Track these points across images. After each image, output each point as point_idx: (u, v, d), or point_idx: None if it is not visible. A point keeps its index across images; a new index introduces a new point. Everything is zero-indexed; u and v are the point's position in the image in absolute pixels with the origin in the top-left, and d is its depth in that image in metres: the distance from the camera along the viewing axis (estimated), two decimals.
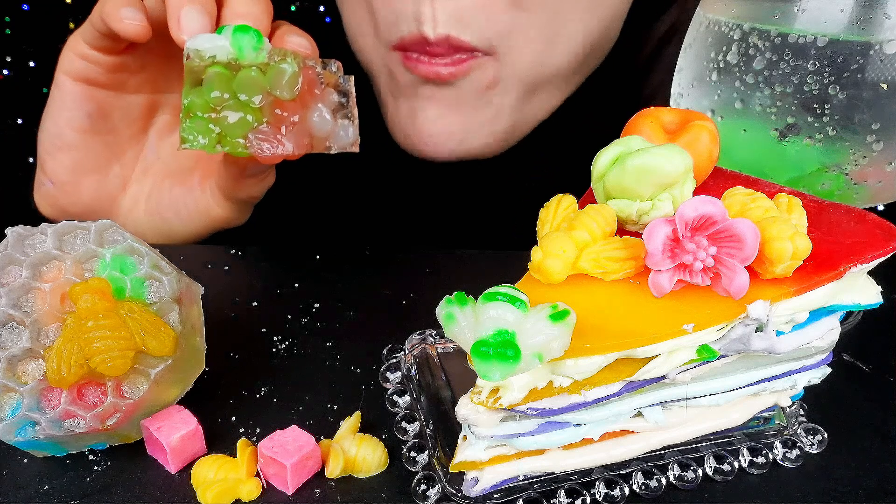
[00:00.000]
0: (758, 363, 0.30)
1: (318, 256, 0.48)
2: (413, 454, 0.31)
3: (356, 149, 0.39)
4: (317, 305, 0.42)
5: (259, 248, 0.48)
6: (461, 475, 0.29)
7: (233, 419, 0.34)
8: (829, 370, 0.32)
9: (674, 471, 0.31)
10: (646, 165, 0.27)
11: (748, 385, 0.31)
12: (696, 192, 0.28)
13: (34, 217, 0.48)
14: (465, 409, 0.26)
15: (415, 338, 0.37)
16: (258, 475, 0.30)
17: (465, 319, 0.23)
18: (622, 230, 0.28)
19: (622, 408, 0.29)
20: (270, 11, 0.39)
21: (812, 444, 0.33)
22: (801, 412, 0.34)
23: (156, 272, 0.31)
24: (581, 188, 0.31)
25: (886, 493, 0.31)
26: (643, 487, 0.30)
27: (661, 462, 0.31)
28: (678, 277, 0.26)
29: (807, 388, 0.33)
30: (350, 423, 0.32)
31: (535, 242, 0.27)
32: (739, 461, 0.32)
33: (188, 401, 0.32)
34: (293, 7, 0.69)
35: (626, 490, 0.30)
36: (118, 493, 0.30)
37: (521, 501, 0.29)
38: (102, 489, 0.30)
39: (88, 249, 0.31)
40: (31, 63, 0.74)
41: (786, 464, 0.32)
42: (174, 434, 0.30)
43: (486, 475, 0.29)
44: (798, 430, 0.33)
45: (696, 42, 0.38)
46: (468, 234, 0.60)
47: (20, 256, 0.31)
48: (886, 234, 0.28)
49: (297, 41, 0.39)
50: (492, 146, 0.51)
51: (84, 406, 0.29)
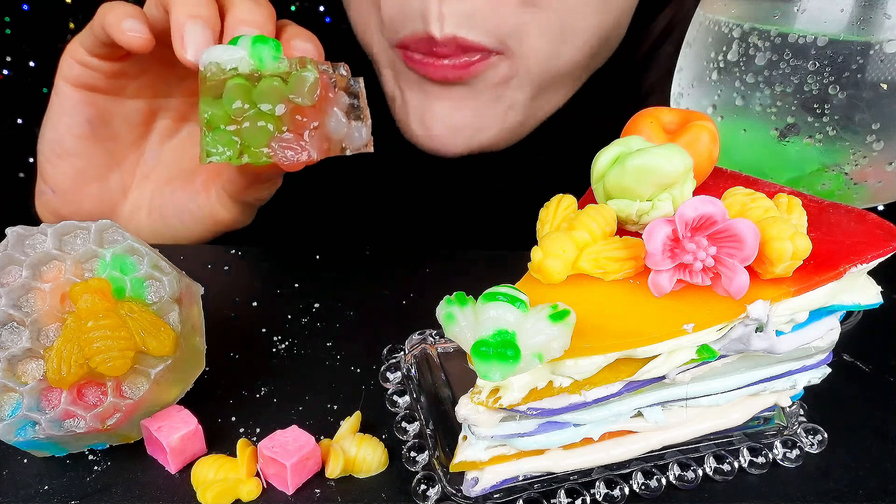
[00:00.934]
0: (758, 363, 0.30)
1: (318, 256, 0.48)
2: (413, 454, 0.31)
3: (370, 149, 0.39)
4: (317, 305, 0.42)
5: (259, 248, 0.48)
6: (461, 475, 0.29)
7: (233, 419, 0.34)
8: (829, 370, 0.32)
9: (674, 471, 0.31)
10: (646, 165, 0.27)
11: (748, 385, 0.31)
12: (696, 192, 0.28)
13: (34, 217, 0.48)
14: (465, 409, 0.26)
15: (415, 338, 0.37)
16: (258, 475, 0.30)
17: (465, 319, 0.23)
18: (622, 230, 0.28)
19: (622, 408, 0.29)
20: (273, 16, 0.39)
21: (812, 444, 0.33)
22: (801, 412, 0.34)
23: (156, 272, 0.31)
24: (581, 188, 0.31)
25: (886, 493, 0.31)
26: (643, 487, 0.30)
27: (661, 462, 0.31)
28: (678, 277, 0.26)
29: (807, 388, 0.33)
30: (350, 423, 0.32)
31: (535, 242, 0.27)
32: (739, 461, 0.32)
33: (188, 401, 0.32)
34: (293, 7, 0.69)
35: (626, 490, 0.30)
36: (118, 493, 0.30)
37: (521, 501, 0.29)
38: (102, 489, 0.30)
39: (88, 249, 0.31)
40: (31, 63, 0.74)
41: (786, 464, 0.32)
42: (174, 434, 0.30)
43: (486, 475, 0.29)
44: (798, 430, 0.33)
45: (696, 42, 0.38)
46: (468, 234, 0.59)
47: (20, 256, 0.31)
48: (886, 234, 0.28)
49: (304, 47, 0.39)
50: (500, 142, 0.51)
51: (84, 406, 0.29)
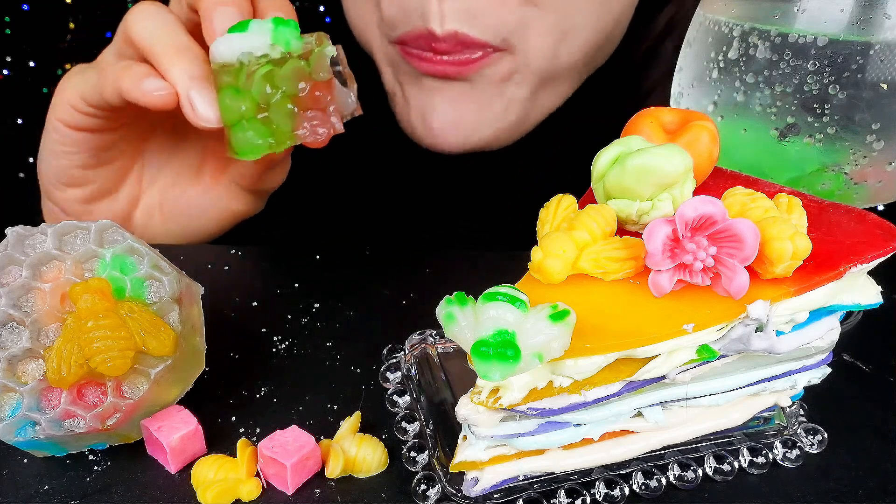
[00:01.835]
0: (758, 363, 0.30)
1: (318, 256, 0.48)
2: (413, 454, 0.31)
3: (360, 112, 0.38)
4: (317, 305, 0.42)
5: (259, 248, 0.48)
6: (461, 475, 0.29)
7: (233, 419, 0.34)
8: (829, 370, 0.32)
9: (674, 471, 0.31)
10: (646, 165, 0.27)
11: (748, 385, 0.31)
12: (696, 192, 0.28)
13: (34, 217, 0.48)
14: (465, 409, 0.26)
15: (415, 338, 0.37)
16: (258, 475, 0.30)
17: (465, 319, 0.23)
18: (622, 230, 0.28)
19: (622, 408, 0.29)
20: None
21: (812, 444, 0.33)
22: (801, 412, 0.34)
23: (156, 272, 0.31)
24: (581, 188, 0.31)
25: (886, 493, 0.31)
26: (643, 487, 0.30)
27: (661, 462, 0.31)
28: (678, 277, 0.26)
29: (807, 388, 0.32)
30: (350, 423, 0.32)
31: (535, 242, 0.27)
32: (739, 461, 0.32)
33: (188, 401, 0.32)
34: (296, 2, 0.69)
35: (626, 490, 0.30)
36: (118, 493, 0.30)
37: (521, 501, 0.29)
38: (102, 489, 0.30)
39: (88, 249, 0.31)
40: (31, 63, 0.74)
41: (786, 464, 0.32)
42: (174, 434, 0.30)
43: (486, 475, 0.29)
44: (798, 430, 0.33)
45: (697, 42, 0.38)
46: (468, 234, 0.59)
47: (20, 256, 0.31)
48: (886, 234, 0.28)
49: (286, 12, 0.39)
50: (501, 139, 0.51)
51: (84, 406, 0.29)
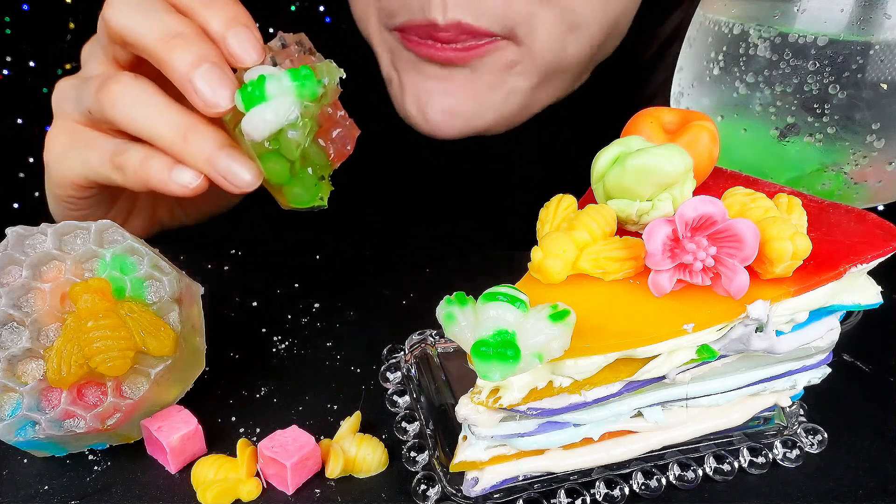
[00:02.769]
0: (758, 363, 0.30)
1: (318, 256, 0.48)
2: (413, 454, 0.31)
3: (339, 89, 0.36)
4: (317, 305, 0.42)
5: (259, 248, 0.48)
6: (461, 475, 0.29)
7: (233, 419, 0.34)
8: (829, 370, 0.32)
9: (674, 471, 0.31)
10: (646, 165, 0.27)
11: (748, 385, 0.31)
12: (696, 192, 0.28)
13: (34, 217, 0.48)
14: (465, 409, 0.26)
15: (415, 338, 0.37)
16: (258, 475, 0.30)
17: (465, 319, 0.23)
18: (622, 230, 0.28)
19: (622, 408, 0.29)
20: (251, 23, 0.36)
21: (812, 444, 0.33)
22: (801, 412, 0.34)
23: (156, 272, 0.31)
24: (581, 188, 0.31)
25: (886, 493, 0.31)
26: (643, 487, 0.30)
27: (661, 462, 0.31)
28: (678, 277, 0.26)
29: (807, 388, 0.33)
30: (350, 423, 0.32)
31: (535, 242, 0.27)
32: (739, 461, 0.32)
33: (188, 401, 0.32)
34: (293, 7, 0.69)
35: (626, 490, 0.30)
36: (118, 493, 0.30)
37: (521, 501, 0.29)
38: (102, 489, 0.30)
39: (88, 249, 0.31)
40: (31, 63, 0.74)
41: (786, 464, 0.32)
42: (174, 434, 0.30)
43: (486, 475, 0.29)
44: (798, 430, 0.33)
45: (696, 41, 0.38)
46: (468, 234, 0.59)
47: (20, 256, 0.31)
48: (886, 234, 0.28)
49: (242, 45, 0.34)
50: (499, 126, 0.51)
51: (84, 406, 0.29)
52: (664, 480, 0.31)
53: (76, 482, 0.30)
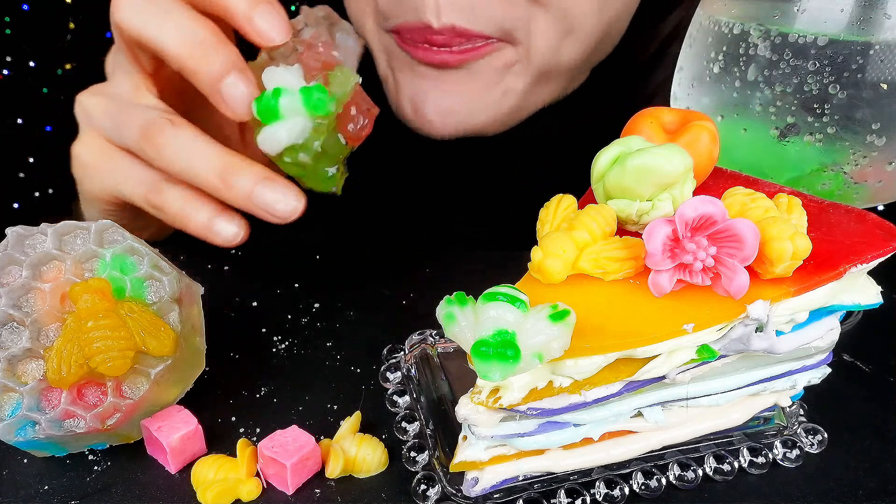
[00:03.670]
0: (758, 363, 0.30)
1: (318, 256, 0.48)
2: (413, 454, 0.31)
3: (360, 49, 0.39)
4: (317, 305, 0.42)
5: (259, 249, 0.48)
6: (461, 475, 0.29)
7: (233, 419, 0.34)
8: (829, 370, 0.32)
9: (674, 471, 0.31)
10: (646, 165, 0.27)
11: (748, 385, 0.31)
12: (696, 192, 0.28)
13: (34, 217, 0.48)
14: (465, 409, 0.26)
15: (415, 338, 0.37)
16: (258, 475, 0.30)
17: (465, 319, 0.23)
18: (622, 230, 0.28)
19: (622, 408, 0.29)
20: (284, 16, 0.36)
21: (812, 444, 0.33)
22: (801, 412, 0.34)
23: (156, 272, 0.31)
24: (581, 188, 0.31)
25: (886, 493, 0.31)
26: (643, 487, 0.30)
27: (661, 462, 0.31)
28: (678, 277, 0.26)
29: (807, 388, 0.33)
30: (350, 423, 0.32)
31: (535, 242, 0.27)
32: (739, 461, 0.32)
33: (188, 401, 0.32)
34: (293, 7, 0.69)
35: (626, 490, 0.30)
36: (118, 493, 0.30)
37: (521, 501, 0.29)
38: (102, 489, 0.30)
39: (88, 249, 0.31)
40: (31, 63, 0.74)
41: (786, 464, 0.32)
42: (174, 434, 0.30)
43: (486, 475, 0.29)
44: (798, 430, 0.33)
45: (697, 41, 0.38)
46: (468, 234, 0.59)
47: (20, 256, 0.31)
48: (886, 234, 0.28)
49: (266, 25, 0.34)
50: (493, 126, 0.51)
51: (84, 406, 0.29)
52: (664, 480, 0.31)
53: (76, 482, 0.30)
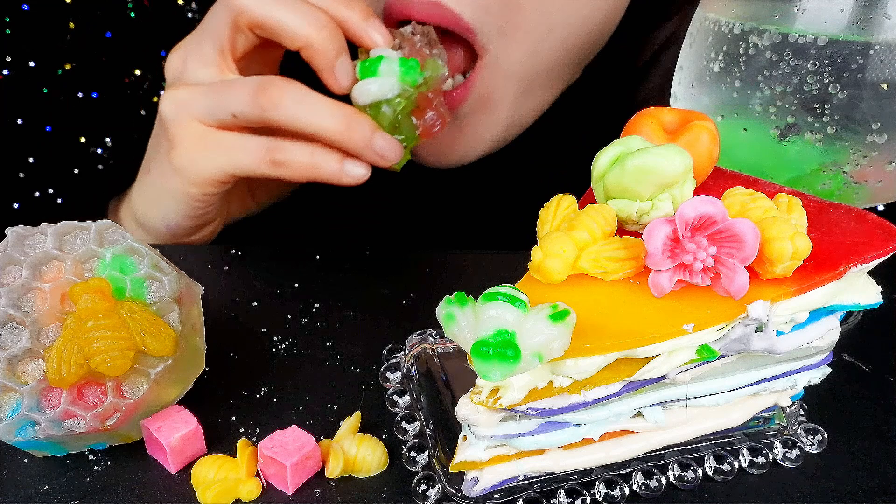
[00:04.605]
0: (758, 363, 0.30)
1: (318, 256, 0.48)
2: (413, 454, 0.31)
3: (448, 76, 0.44)
4: (317, 305, 0.42)
5: (259, 248, 0.48)
6: (461, 475, 0.29)
7: (233, 419, 0.34)
8: (829, 370, 0.32)
9: (674, 471, 0.31)
10: (646, 165, 0.27)
11: (748, 385, 0.31)
12: (696, 192, 0.28)
13: (34, 217, 0.48)
14: (465, 409, 0.26)
15: (415, 338, 0.37)
16: (258, 475, 0.30)
17: (465, 319, 0.23)
18: (622, 230, 0.28)
19: (622, 408, 0.29)
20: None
21: (812, 444, 0.33)
22: (801, 412, 0.34)
23: (156, 272, 0.31)
24: (581, 188, 0.31)
25: (886, 493, 0.31)
26: (643, 487, 0.30)
27: (661, 462, 0.31)
28: (678, 277, 0.26)
29: (807, 388, 0.33)
30: (350, 423, 0.32)
31: (535, 242, 0.27)
32: (739, 461, 0.32)
33: (188, 401, 0.32)
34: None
35: (626, 490, 0.30)
36: (118, 493, 0.30)
37: (521, 501, 0.29)
38: (102, 489, 0.30)
39: (88, 249, 0.31)
40: (31, 63, 0.74)
41: (786, 464, 0.32)
42: (174, 434, 0.30)
43: (486, 475, 0.29)
44: (798, 430, 0.33)
45: (696, 41, 0.38)
46: (468, 234, 0.59)
47: (20, 256, 0.31)
48: (886, 234, 0.28)
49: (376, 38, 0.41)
50: (494, 149, 0.51)
51: (84, 406, 0.29)
52: (664, 480, 0.31)
53: (76, 482, 0.30)
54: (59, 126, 0.58)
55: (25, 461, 0.31)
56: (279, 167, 0.41)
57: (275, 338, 0.40)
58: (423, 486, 0.30)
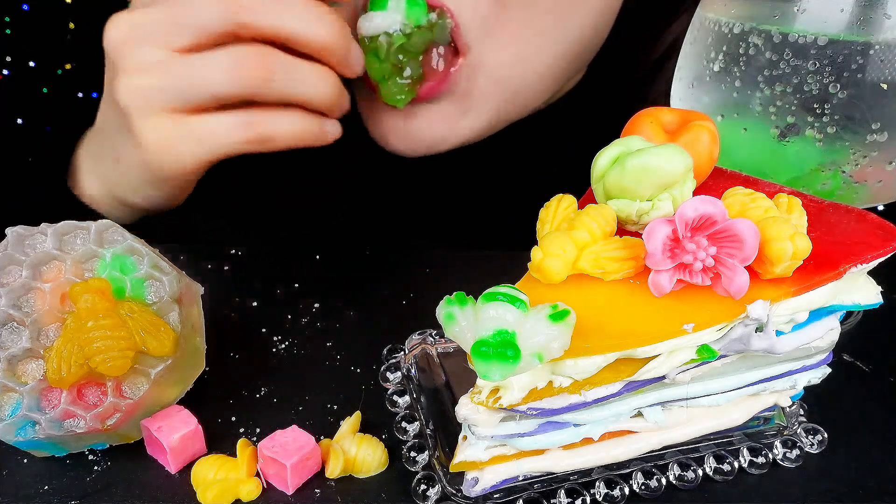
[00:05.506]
0: (758, 363, 0.30)
1: (318, 256, 0.48)
2: (413, 454, 0.31)
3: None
4: (317, 305, 0.42)
5: (259, 248, 0.48)
6: (461, 475, 0.29)
7: (233, 419, 0.34)
8: (829, 370, 0.32)
9: (674, 471, 0.31)
10: (646, 165, 0.27)
11: (748, 385, 0.31)
12: (696, 192, 0.28)
13: (34, 217, 0.48)
14: (465, 409, 0.26)
15: (415, 338, 0.37)
16: (258, 475, 0.30)
17: (465, 319, 0.23)
18: (622, 230, 0.28)
19: (622, 408, 0.29)
20: None
21: (812, 444, 0.33)
22: (801, 412, 0.34)
23: (156, 272, 0.31)
24: (581, 188, 0.31)
25: (886, 493, 0.31)
26: (643, 487, 0.30)
27: (661, 462, 0.31)
28: (678, 277, 0.26)
29: (807, 388, 0.33)
30: (350, 423, 0.32)
31: (535, 242, 0.27)
32: (739, 461, 0.32)
33: (188, 401, 0.32)
34: None
35: (626, 490, 0.30)
36: (118, 493, 0.30)
37: (521, 501, 0.29)
38: (102, 489, 0.30)
39: (88, 249, 0.31)
40: (31, 63, 0.74)
41: (786, 464, 0.32)
42: (174, 434, 0.30)
43: (486, 475, 0.29)
44: (798, 430, 0.33)
45: (696, 42, 0.38)
46: (468, 234, 0.59)
47: (20, 256, 0.31)
48: (886, 234, 0.28)
49: None
50: (466, 143, 0.50)
51: (84, 406, 0.29)
52: (664, 480, 0.31)
53: (76, 482, 0.30)
54: (59, 126, 0.58)
55: (25, 461, 0.31)
56: (264, 143, 0.38)
57: (275, 338, 0.40)
58: (423, 486, 0.30)
